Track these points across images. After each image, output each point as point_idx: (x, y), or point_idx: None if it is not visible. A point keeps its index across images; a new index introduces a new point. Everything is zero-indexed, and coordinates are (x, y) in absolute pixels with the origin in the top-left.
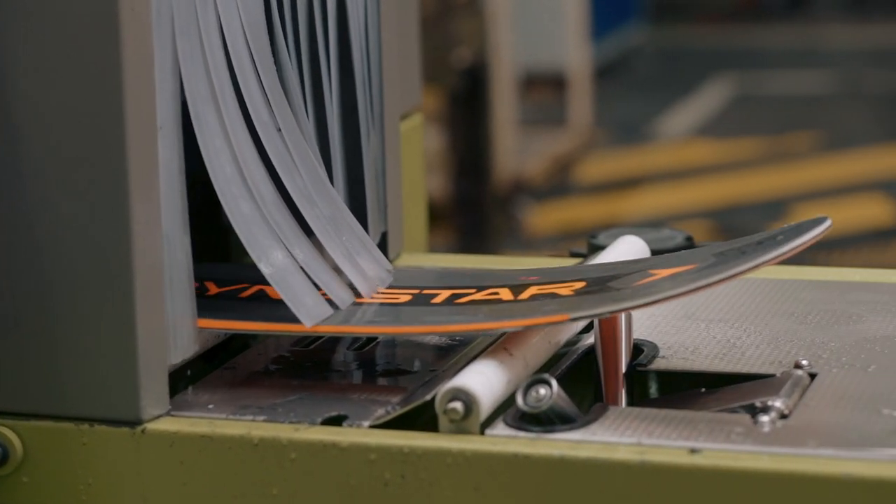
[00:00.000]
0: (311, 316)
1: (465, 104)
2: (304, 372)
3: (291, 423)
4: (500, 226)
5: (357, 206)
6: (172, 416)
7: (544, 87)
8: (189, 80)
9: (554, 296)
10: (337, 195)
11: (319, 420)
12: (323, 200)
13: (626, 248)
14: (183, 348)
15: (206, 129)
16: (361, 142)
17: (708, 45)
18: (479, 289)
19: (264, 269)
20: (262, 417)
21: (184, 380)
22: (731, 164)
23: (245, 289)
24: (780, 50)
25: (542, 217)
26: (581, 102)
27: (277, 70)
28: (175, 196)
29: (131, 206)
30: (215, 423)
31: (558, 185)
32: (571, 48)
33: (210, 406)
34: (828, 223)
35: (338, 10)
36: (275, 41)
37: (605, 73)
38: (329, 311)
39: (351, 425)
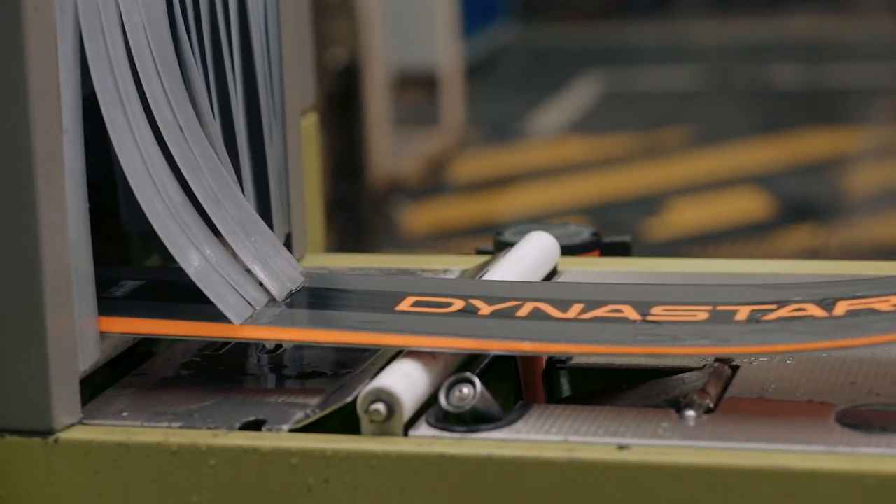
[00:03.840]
0: (237, 314)
1: (339, 105)
2: (218, 376)
3: (209, 428)
4: (376, 226)
5: (263, 206)
6: (85, 424)
7: (416, 86)
8: (98, 80)
9: (874, 311)
10: (243, 197)
11: (237, 425)
12: (230, 202)
13: (536, 245)
14: (91, 354)
15: (117, 129)
16: (265, 141)
17: (576, 43)
18: (780, 304)
19: (187, 269)
20: (178, 424)
21: (89, 388)
22: (605, 160)
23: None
24: (647, 46)
25: (418, 217)
26: (453, 101)
27: (182, 69)
28: (79, 199)
29: (39, 211)
30: (130, 430)
31: (433, 184)
32: (442, 47)
33: (124, 413)
34: None
35: (239, 6)
36: (178, 39)
37: (475, 72)
38: (248, 310)
39: (270, 429)
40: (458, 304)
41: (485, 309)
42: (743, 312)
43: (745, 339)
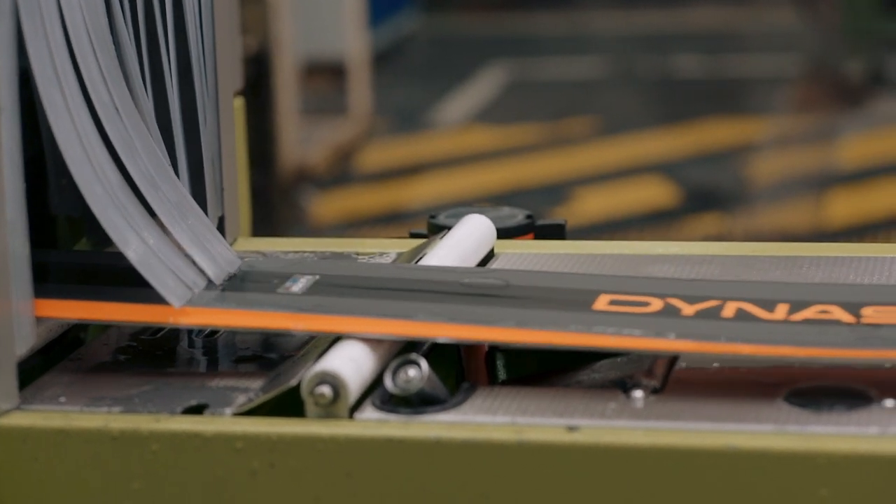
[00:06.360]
0: (178, 297)
1: (249, 93)
2: (156, 361)
3: (150, 413)
4: (285, 215)
5: (198, 189)
6: (23, 410)
7: (323, 75)
8: (35, 59)
9: None
10: (177, 179)
11: (179, 409)
12: (166, 184)
13: (473, 228)
14: (27, 338)
15: (54, 109)
16: (199, 123)
17: (481, 33)
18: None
19: (126, 252)
20: (118, 409)
21: (20, 375)
22: (511, 149)
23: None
24: (551, 36)
25: (327, 206)
26: (360, 91)
27: (117, 49)
28: (16, 180)
29: None
30: (70, 416)
31: (341, 173)
32: (350, 37)
33: (61, 399)
34: None
35: None
36: (113, 18)
37: (380, 62)
38: (185, 294)
39: (213, 414)
40: (658, 304)
41: (687, 309)
42: None
43: None
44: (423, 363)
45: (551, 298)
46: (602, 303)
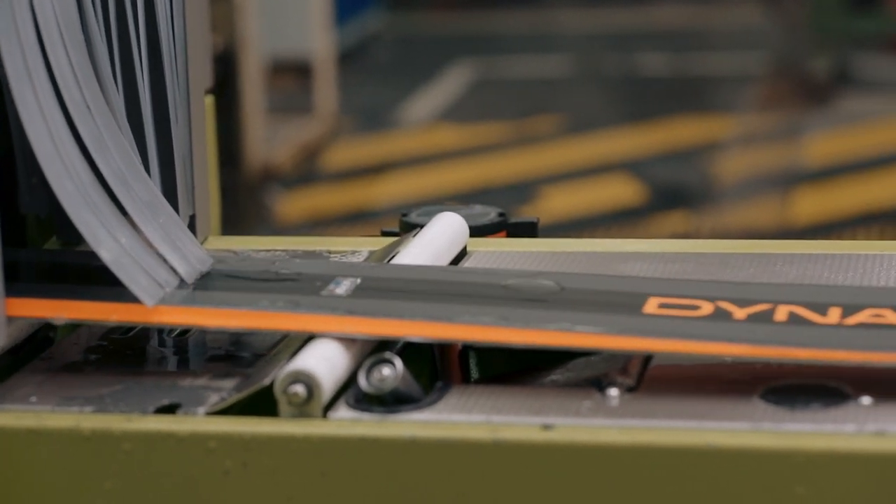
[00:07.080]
0: (150, 296)
1: (215, 92)
2: (127, 360)
3: (122, 413)
4: (251, 214)
5: (169, 187)
6: None
7: (289, 74)
8: (7, 57)
9: None
10: (148, 178)
11: (151, 409)
12: (137, 183)
13: (446, 227)
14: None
15: (25, 108)
16: (170, 121)
17: (446, 31)
18: None
19: (98, 251)
20: (89, 408)
21: None
22: (477, 148)
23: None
24: (517, 35)
25: (292, 205)
26: (326, 90)
27: (88, 46)
28: None
29: None
30: (41, 416)
31: (306, 172)
32: (315, 35)
33: (32, 398)
34: None
35: None
36: (84, 15)
37: (346, 61)
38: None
39: (186, 413)
40: (708, 308)
41: (738, 313)
42: None
43: None
44: (398, 362)
45: (601, 301)
46: (652, 306)
